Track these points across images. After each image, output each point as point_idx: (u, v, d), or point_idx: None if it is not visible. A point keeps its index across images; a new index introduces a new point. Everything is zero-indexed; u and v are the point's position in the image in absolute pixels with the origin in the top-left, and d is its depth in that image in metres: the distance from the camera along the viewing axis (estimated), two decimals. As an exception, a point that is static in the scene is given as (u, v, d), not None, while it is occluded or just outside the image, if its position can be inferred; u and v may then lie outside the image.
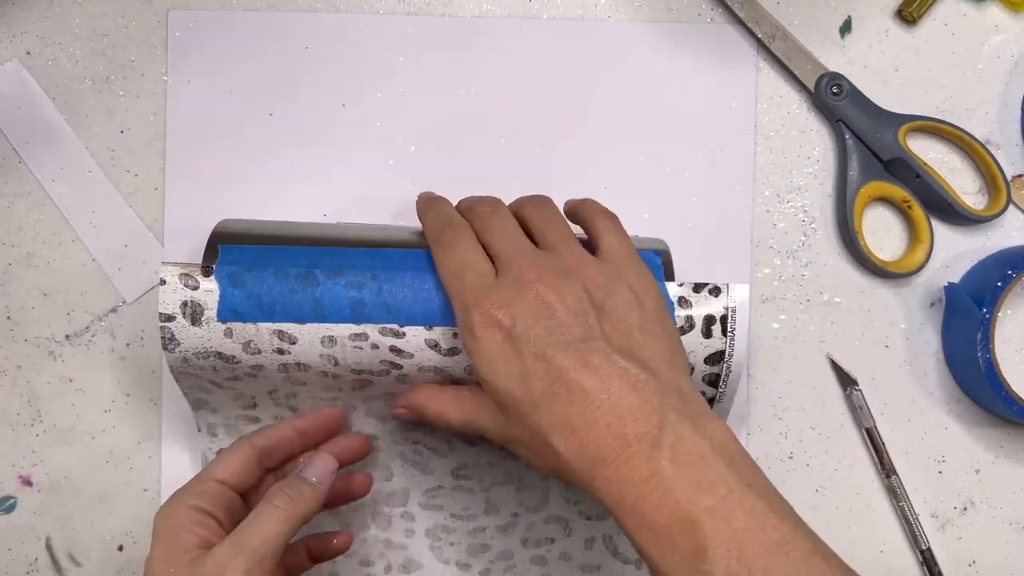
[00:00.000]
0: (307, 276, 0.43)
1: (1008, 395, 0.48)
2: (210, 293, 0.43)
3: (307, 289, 0.43)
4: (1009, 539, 0.51)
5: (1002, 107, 0.52)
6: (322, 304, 0.43)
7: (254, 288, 0.43)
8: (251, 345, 0.43)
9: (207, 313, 0.43)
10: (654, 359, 0.39)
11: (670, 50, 0.52)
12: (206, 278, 0.43)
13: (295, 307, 0.43)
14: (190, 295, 0.43)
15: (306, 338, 0.43)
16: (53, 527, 0.52)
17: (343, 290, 0.43)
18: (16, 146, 0.52)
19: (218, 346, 0.43)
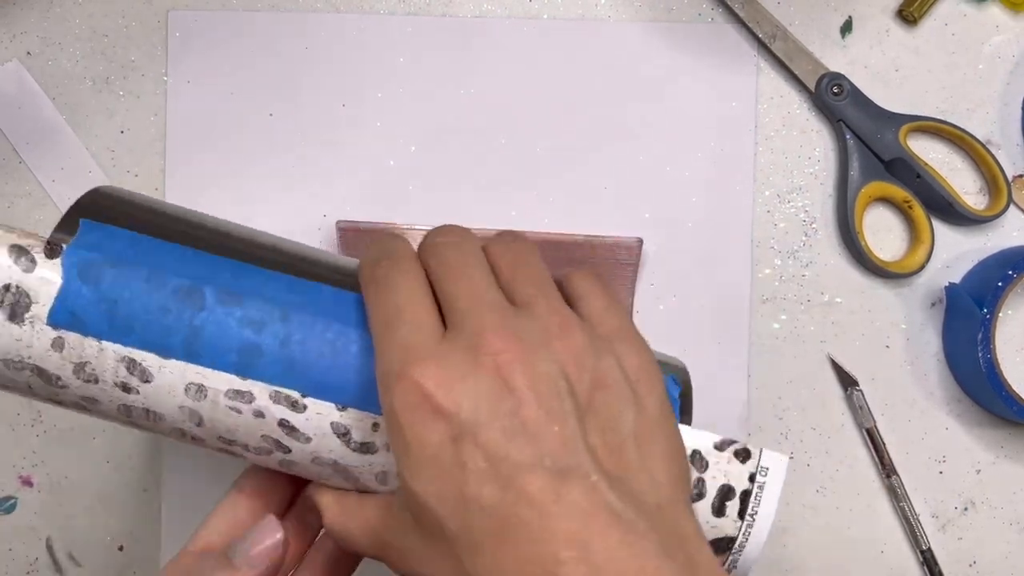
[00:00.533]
0: (191, 292, 0.32)
1: (1009, 395, 0.48)
2: (46, 283, 0.31)
3: (186, 311, 0.31)
4: (1010, 539, 0.51)
5: (1003, 107, 0.52)
6: (200, 337, 0.31)
7: (111, 291, 0.31)
8: (85, 369, 0.32)
9: (34, 309, 0.31)
10: (653, 491, 0.28)
11: (670, 50, 0.52)
12: (48, 259, 0.31)
13: (161, 332, 0.31)
14: (18, 277, 0.31)
15: (166, 379, 0.32)
16: (53, 527, 0.52)
17: (235, 325, 0.31)
18: (16, 146, 0.52)
19: (39, 358, 0.32)
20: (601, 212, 0.51)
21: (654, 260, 0.51)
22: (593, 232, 0.51)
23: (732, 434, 0.51)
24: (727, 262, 0.51)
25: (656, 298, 0.51)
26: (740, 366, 0.51)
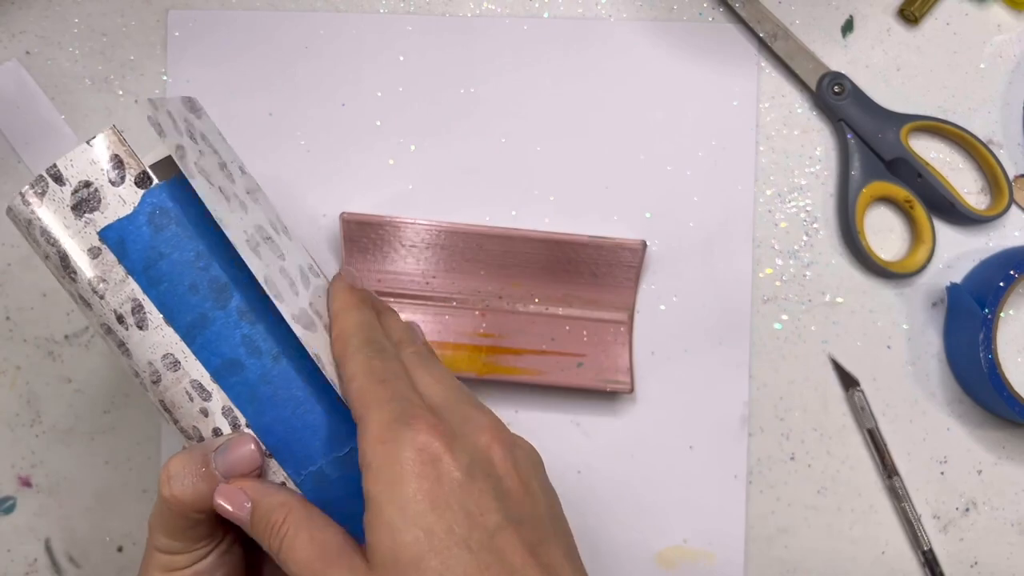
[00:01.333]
0: (223, 289, 0.35)
1: (1010, 396, 0.48)
2: (120, 202, 0.34)
3: (208, 301, 0.35)
4: (1011, 540, 0.51)
5: (1004, 107, 0.52)
6: (205, 328, 0.35)
7: (164, 245, 0.34)
8: (101, 284, 0.35)
9: (95, 215, 0.34)
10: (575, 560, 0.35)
11: (671, 49, 0.52)
12: (135, 185, 0.34)
13: (178, 302, 0.34)
14: (102, 183, 0.34)
15: (155, 338, 0.35)
16: (53, 528, 0.52)
17: (237, 338, 0.35)
18: (16, 146, 0.52)
19: (73, 251, 0.35)
20: (601, 212, 0.51)
21: (655, 260, 0.51)
22: (594, 232, 0.51)
23: (733, 434, 0.51)
24: (728, 262, 0.51)
25: (657, 298, 0.51)
26: (741, 366, 0.51)
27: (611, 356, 0.50)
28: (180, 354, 0.34)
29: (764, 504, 0.51)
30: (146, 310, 0.34)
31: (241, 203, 0.36)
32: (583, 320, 0.50)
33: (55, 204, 0.34)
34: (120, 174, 0.34)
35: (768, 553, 0.51)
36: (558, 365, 0.50)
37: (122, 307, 0.34)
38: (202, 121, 0.37)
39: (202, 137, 0.36)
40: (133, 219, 0.34)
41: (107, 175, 0.34)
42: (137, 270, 0.34)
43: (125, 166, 0.34)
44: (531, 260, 0.50)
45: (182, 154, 0.34)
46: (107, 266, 0.34)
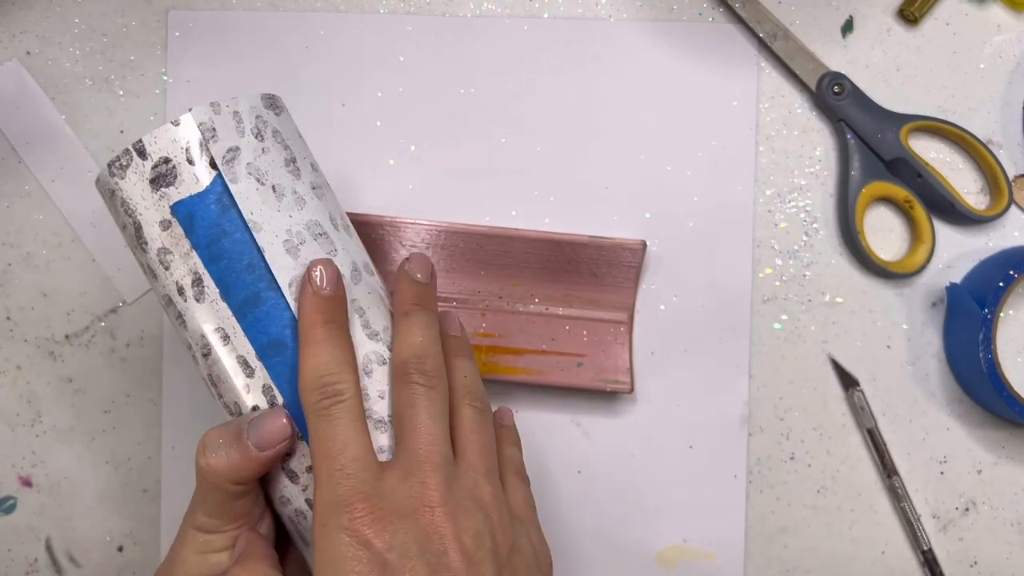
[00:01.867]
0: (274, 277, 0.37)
1: (1010, 395, 0.48)
2: (194, 180, 0.36)
3: (263, 281, 0.37)
4: (1011, 540, 0.51)
5: (1004, 107, 0.52)
6: (256, 307, 0.37)
7: (228, 224, 0.37)
8: (167, 255, 0.37)
9: (170, 190, 0.37)
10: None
11: (671, 49, 0.52)
12: (210, 167, 0.37)
13: (235, 280, 0.37)
14: (180, 161, 0.36)
15: (210, 311, 0.37)
16: (53, 527, 0.52)
17: (286, 319, 0.37)
18: (16, 146, 0.52)
19: (146, 223, 0.37)
20: (601, 212, 0.51)
21: (655, 260, 0.51)
22: (594, 232, 0.51)
23: (732, 433, 0.51)
24: (728, 262, 0.51)
25: (657, 298, 0.51)
26: (741, 366, 0.51)
27: (611, 356, 0.50)
28: (231, 329, 0.36)
29: (764, 504, 0.51)
30: (205, 284, 0.36)
31: (299, 199, 0.38)
32: (583, 320, 0.50)
33: (134, 178, 0.36)
34: (198, 154, 0.36)
35: (768, 553, 0.51)
36: (558, 365, 0.50)
37: (184, 279, 0.37)
38: (281, 119, 0.39)
39: (274, 134, 0.38)
40: (203, 197, 0.36)
41: (185, 154, 0.36)
42: (201, 245, 0.36)
43: (203, 147, 0.36)
44: (531, 260, 0.50)
45: (233, 156, 0.36)
46: (175, 239, 0.36)
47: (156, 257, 0.37)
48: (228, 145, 0.37)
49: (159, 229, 0.37)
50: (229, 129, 0.37)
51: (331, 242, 0.38)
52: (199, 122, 0.36)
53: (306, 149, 0.40)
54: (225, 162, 0.36)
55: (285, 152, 0.38)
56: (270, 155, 0.38)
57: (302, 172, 0.39)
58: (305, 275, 0.37)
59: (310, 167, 0.39)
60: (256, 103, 0.38)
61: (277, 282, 0.36)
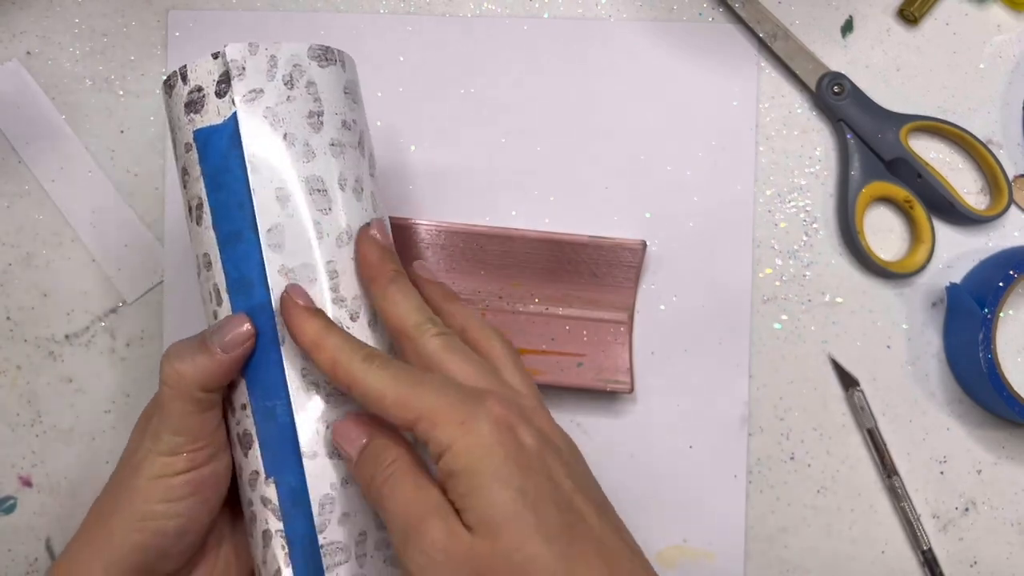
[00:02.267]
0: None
1: (1010, 395, 0.48)
2: (216, 111, 0.38)
3: (246, 222, 0.38)
4: (1011, 540, 0.51)
5: (1004, 107, 0.52)
6: (236, 245, 0.38)
7: (232, 162, 0.38)
8: (187, 173, 0.40)
9: (195, 117, 0.39)
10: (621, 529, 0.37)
11: (671, 49, 0.52)
12: (232, 104, 0.38)
13: (224, 212, 0.38)
14: (209, 92, 0.39)
15: (204, 234, 0.39)
16: (53, 527, 0.52)
17: (255, 262, 0.38)
18: (16, 146, 0.52)
19: (178, 137, 0.40)
20: (601, 212, 0.51)
21: (655, 260, 0.51)
22: (594, 232, 0.51)
23: (732, 433, 0.51)
24: (728, 262, 0.51)
25: (657, 298, 0.51)
26: (741, 366, 0.51)
27: (611, 356, 0.50)
28: (214, 258, 0.38)
29: (764, 504, 0.51)
30: (204, 209, 0.39)
31: (309, 152, 0.39)
32: (583, 320, 0.50)
33: (176, 99, 0.39)
34: (225, 89, 0.38)
35: (768, 553, 0.51)
36: (558, 365, 0.50)
37: (192, 200, 0.39)
38: (326, 72, 0.40)
39: (307, 85, 0.39)
40: (218, 130, 0.38)
41: (215, 86, 0.38)
42: (208, 174, 0.38)
43: (231, 84, 0.38)
44: (531, 260, 0.50)
45: (254, 97, 0.38)
46: (192, 162, 0.39)
47: (179, 174, 0.40)
48: (253, 86, 0.38)
49: (183, 150, 0.39)
50: (260, 71, 0.38)
51: (328, 200, 0.39)
52: (231, 58, 0.38)
53: (348, 107, 0.41)
54: (245, 101, 0.38)
55: (313, 104, 0.39)
56: (294, 104, 0.39)
57: (325, 127, 0.39)
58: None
59: (339, 124, 0.40)
60: (299, 52, 0.39)
61: (257, 224, 0.37)
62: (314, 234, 0.38)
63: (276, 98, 0.38)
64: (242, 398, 0.39)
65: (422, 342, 0.37)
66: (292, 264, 0.38)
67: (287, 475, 0.37)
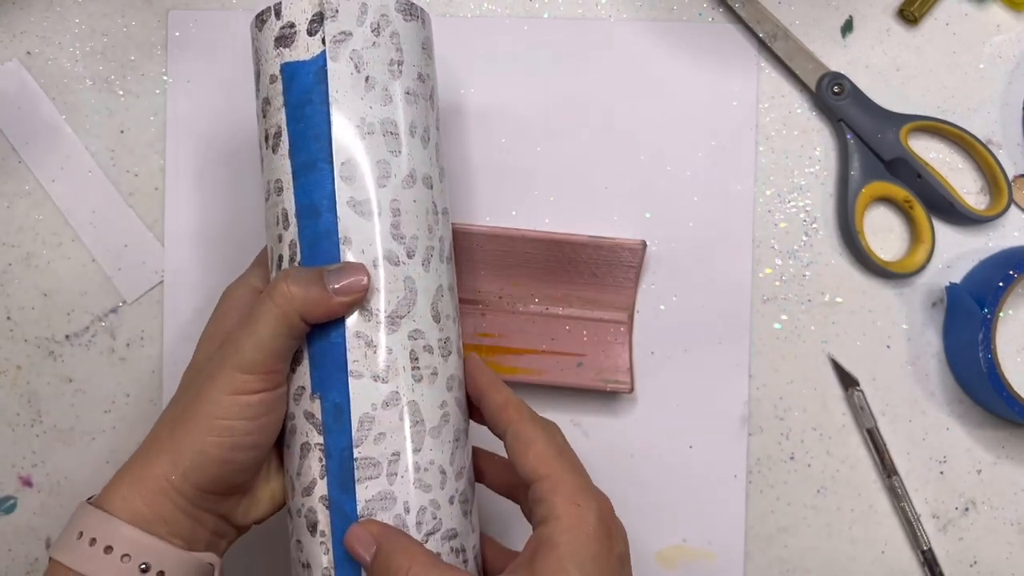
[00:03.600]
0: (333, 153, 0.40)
1: (1010, 395, 0.48)
2: (306, 47, 0.40)
3: (321, 154, 0.40)
4: (1011, 539, 0.51)
5: (1004, 107, 0.52)
6: (309, 174, 0.40)
7: (314, 95, 0.40)
8: (267, 106, 0.42)
9: (285, 51, 0.41)
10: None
11: (671, 49, 0.52)
12: (321, 43, 0.40)
13: (302, 144, 0.40)
14: (302, 28, 0.40)
15: (278, 162, 0.41)
16: (53, 527, 0.52)
17: (325, 192, 0.40)
18: (16, 146, 0.52)
19: (264, 72, 0.42)
20: (601, 212, 0.51)
21: (655, 260, 0.51)
22: (594, 232, 0.51)
23: (732, 433, 0.51)
24: (728, 262, 0.51)
25: (657, 298, 0.51)
26: (741, 366, 0.51)
27: (611, 356, 0.50)
28: (287, 184, 0.40)
29: (764, 504, 0.51)
30: (282, 138, 0.41)
31: (388, 96, 0.41)
32: (583, 320, 0.50)
33: (267, 32, 0.41)
34: (316, 27, 0.40)
35: (768, 553, 0.51)
36: (558, 365, 0.50)
37: (271, 129, 0.41)
38: (409, 25, 0.42)
39: (392, 35, 0.41)
40: (306, 65, 0.40)
41: (307, 24, 0.40)
42: (290, 104, 0.40)
43: (324, 22, 0.40)
44: (531, 260, 0.50)
45: (343, 38, 0.40)
46: (275, 93, 0.41)
47: (261, 104, 0.42)
48: (342, 28, 0.40)
49: (268, 81, 0.41)
50: (351, 16, 0.40)
51: (398, 143, 0.41)
52: (327, 1, 0.40)
53: (424, 62, 0.43)
54: (334, 41, 0.40)
55: (395, 53, 0.41)
56: (379, 50, 0.41)
57: (404, 76, 0.41)
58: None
59: (416, 75, 0.42)
60: (388, 3, 0.41)
61: (332, 157, 0.40)
62: (382, 172, 0.40)
63: (363, 42, 0.40)
64: None
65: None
66: (360, 197, 0.40)
67: (332, 392, 0.39)
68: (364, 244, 0.39)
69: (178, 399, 0.40)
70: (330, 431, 0.39)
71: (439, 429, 0.40)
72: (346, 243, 0.39)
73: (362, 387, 0.39)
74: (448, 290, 0.42)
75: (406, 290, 0.40)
